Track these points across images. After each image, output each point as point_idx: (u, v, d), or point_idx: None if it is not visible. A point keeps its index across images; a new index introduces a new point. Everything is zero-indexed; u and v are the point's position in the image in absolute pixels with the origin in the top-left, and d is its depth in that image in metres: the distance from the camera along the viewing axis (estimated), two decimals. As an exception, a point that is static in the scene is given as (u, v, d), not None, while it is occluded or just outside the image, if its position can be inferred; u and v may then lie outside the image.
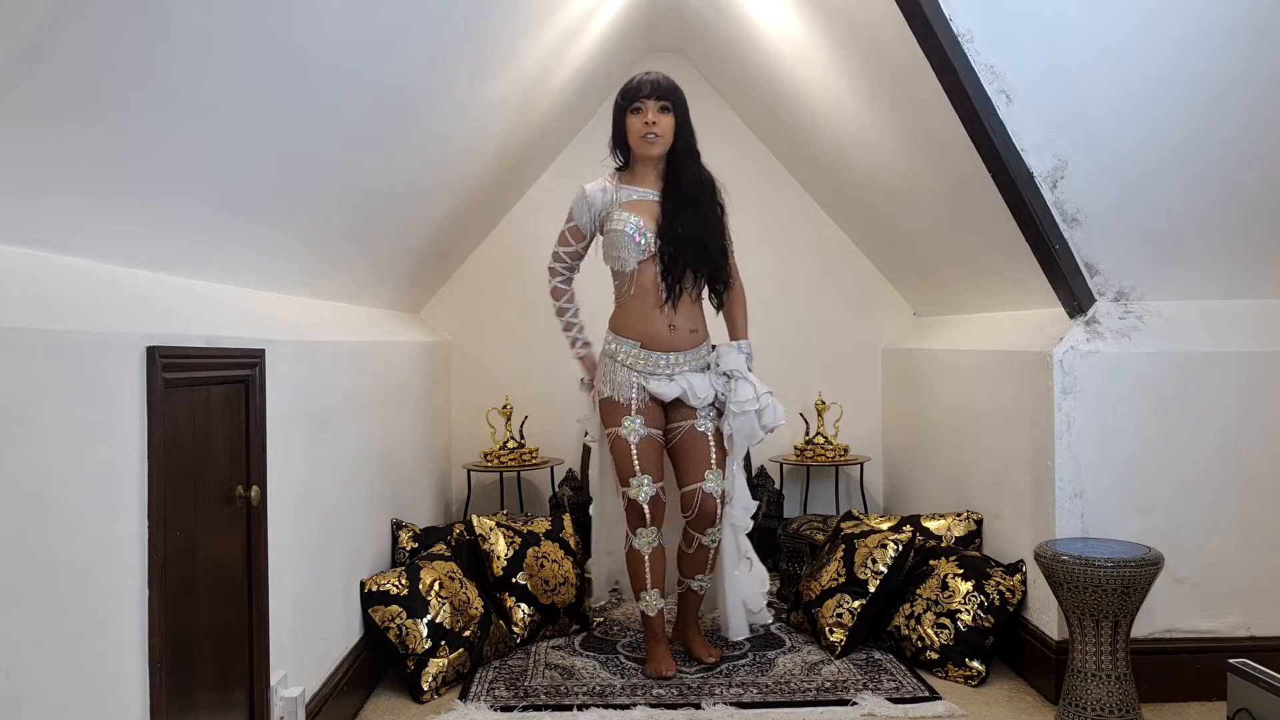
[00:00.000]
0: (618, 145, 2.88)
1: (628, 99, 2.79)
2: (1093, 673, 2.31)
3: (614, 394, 2.83)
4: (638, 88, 2.77)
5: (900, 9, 2.24)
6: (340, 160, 2.14)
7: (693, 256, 2.76)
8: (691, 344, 2.83)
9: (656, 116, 2.76)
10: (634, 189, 2.84)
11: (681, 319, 2.81)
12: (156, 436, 1.42)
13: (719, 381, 2.81)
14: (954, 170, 2.73)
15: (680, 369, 2.81)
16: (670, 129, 2.78)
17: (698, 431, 2.80)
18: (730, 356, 2.82)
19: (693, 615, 2.91)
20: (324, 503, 2.32)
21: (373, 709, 2.59)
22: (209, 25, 1.37)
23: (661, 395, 2.79)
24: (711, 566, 2.86)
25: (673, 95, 2.78)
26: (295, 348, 2.12)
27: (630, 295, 2.84)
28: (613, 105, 2.85)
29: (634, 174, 2.86)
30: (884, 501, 4.26)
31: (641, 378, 2.81)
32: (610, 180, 2.87)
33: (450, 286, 4.24)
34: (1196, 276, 2.61)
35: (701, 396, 2.78)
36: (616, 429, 2.81)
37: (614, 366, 2.85)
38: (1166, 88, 2.25)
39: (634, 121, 2.78)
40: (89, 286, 1.39)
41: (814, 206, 4.28)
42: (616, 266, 2.85)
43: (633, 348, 2.82)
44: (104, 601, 1.33)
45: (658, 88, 2.76)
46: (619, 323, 2.88)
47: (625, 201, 2.82)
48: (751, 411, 2.74)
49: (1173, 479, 2.59)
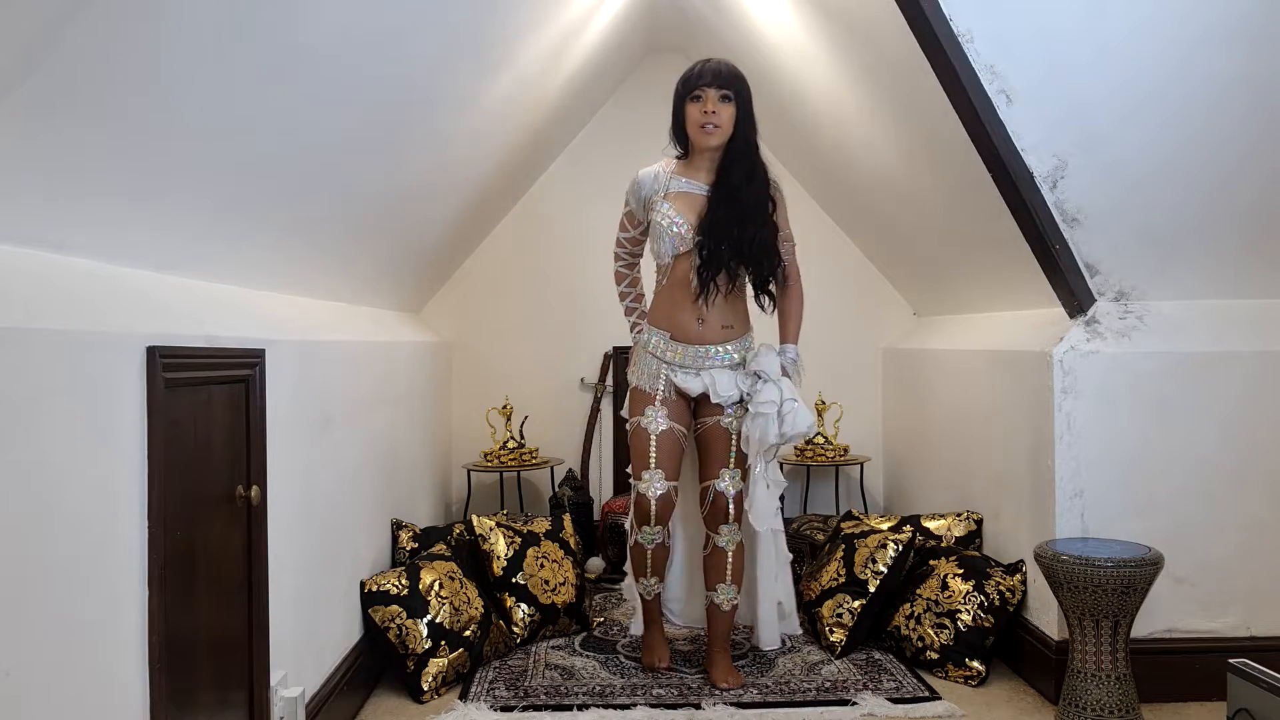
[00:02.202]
0: (676, 134, 2.77)
1: (688, 86, 2.68)
2: (1093, 673, 2.31)
3: (642, 383, 2.79)
4: (699, 75, 2.66)
5: (900, 9, 2.24)
6: (341, 160, 2.14)
7: (730, 253, 2.67)
8: (722, 339, 2.74)
9: (717, 106, 2.64)
10: (686, 180, 2.74)
11: (714, 314, 2.72)
12: (156, 436, 1.42)
13: (746, 381, 2.71)
14: (954, 170, 2.73)
15: (709, 363, 2.73)
16: (730, 119, 2.66)
17: (721, 427, 2.74)
18: (765, 358, 2.72)
19: (718, 635, 2.76)
20: (324, 503, 2.32)
21: (373, 709, 2.59)
22: (209, 25, 1.37)
23: (686, 389, 2.74)
24: (734, 577, 2.75)
25: (735, 84, 2.67)
26: (295, 348, 2.12)
27: (665, 285, 2.79)
28: (674, 92, 2.74)
29: (690, 164, 2.77)
30: (884, 501, 4.26)
31: (670, 369, 2.75)
32: (665, 167, 2.79)
33: (450, 286, 4.25)
34: (1196, 276, 2.61)
35: (723, 393, 2.70)
36: (639, 418, 2.76)
37: (645, 356, 2.80)
38: (1167, 88, 2.25)
39: (693, 110, 2.67)
40: (89, 286, 1.39)
41: (814, 206, 4.28)
42: (656, 259, 2.80)
43: (662, 338, 2.76)
44: (104, 601, 1.33)
45: (719, 76, 2.65)
46: (653, 312, 2.83)
47: (674, 192, 2.74)
48: (770, 415, 2.63)
49: (1173, 479, 2.59)
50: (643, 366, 2.80)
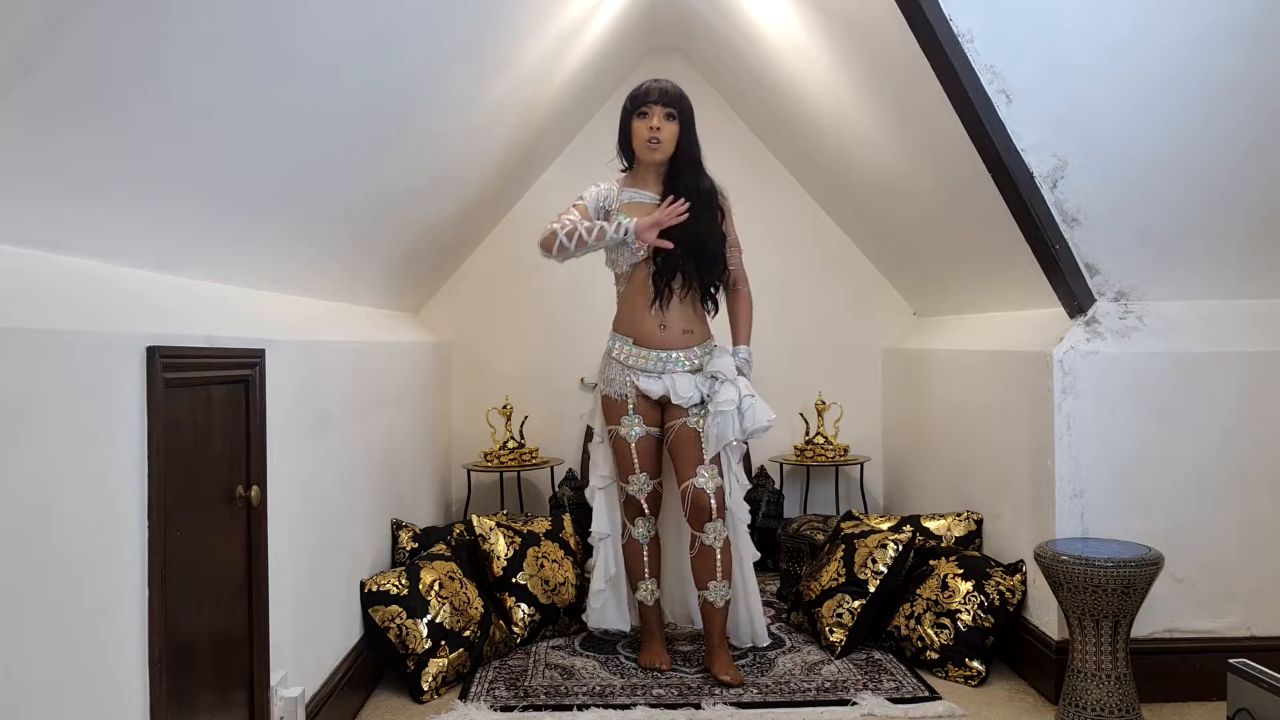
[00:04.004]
0: (623, 148, 2.94)
1: (635, 103, 2.84)
2: (1093, 673, 2.31)
3: (610, 391, 2.90)
4: (645, 93, 2.83)
5: (900, 9, 2.24)
6: (340, 160, 2.14)
7: (682, 260, 2.80)
8: (684, 344, 2.86)
9: (661, 123, 2.81)
10: (635, 191, 2.90)
11: (673, 319, 2.85)
12: (156, 436, 1.42)
13: (705, 384, 2.82)
14: (954, 170, 2.73)
15: (671, 367, 2.84)
16: (673, 136, 2.83)
17: (689, 428, 2.82)
18: (720, 360, 2.84)
19: (714, 631, 2.80)
20: (324, 503, 2.32)
21: (373, 709, 2.59)
22: (209, 26, 1.37)
23: (648, 392, 2.84)
24: (723, 573, 2.79)
25: (679, 104, 2.83)
26: (295, 348, 2.12)
27: (625, 294, 2.92)
28: (621, 108, 2.90)
29: (637, 176, 2.93)
30: (884, 501, 4.26)
31: (634, 374, 2.86)
32: (615, 183, 2.95)
33: (450, 286, 4.25)
34: (1196, 276, 2.61)
35: (684, 395, 2.80)
36: (616, 427, 2.89)
37: (610, 363, 2.92)
38: (1167, 88, 2.26)
39: (639, 126, 2.84)
40: (89, 286, 1.39)
41: (814, 206, 4.29)
42: (613, 268, 2.93)
43: (626, 343, 2.89)
44: (104, 601, 1.33)
45: (665, 95, 2.81)
46: (617, 319, 2.96)
47: (626, 202, 2.89)
48: (729, 412, 2.74)
49: (1173, 479, 2.59)
50: (609, 374, 2.91)
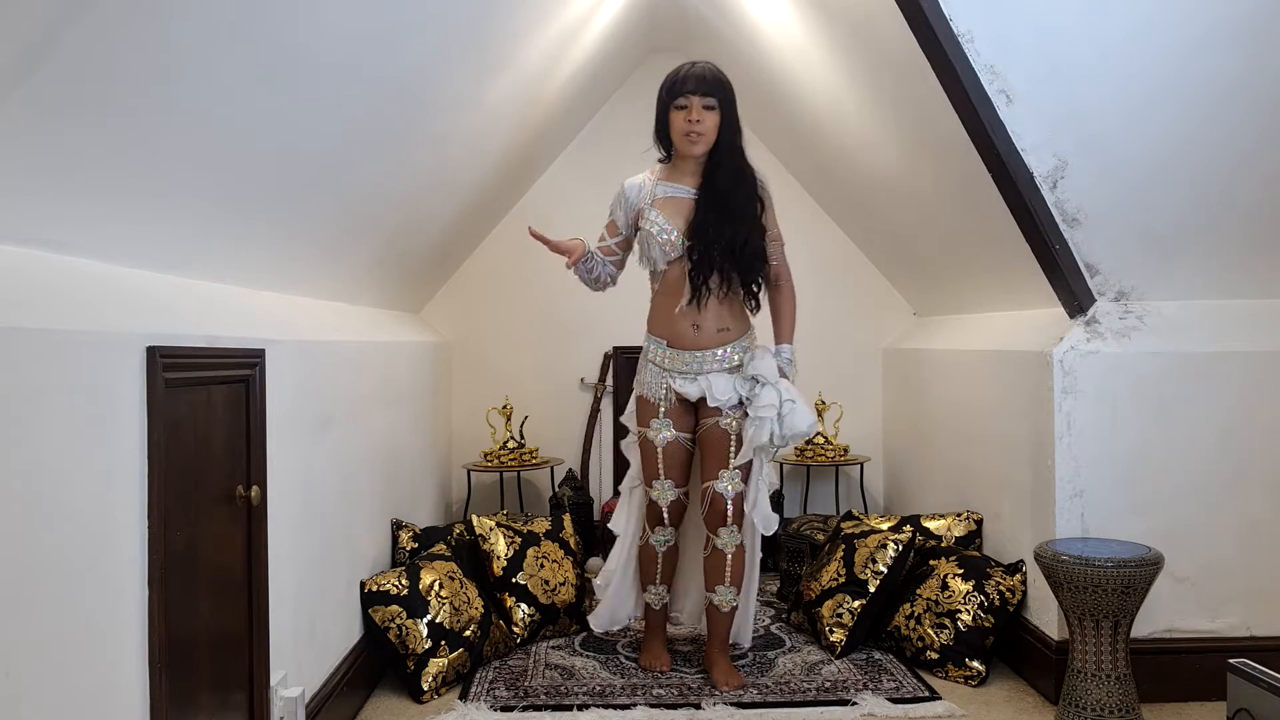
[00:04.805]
0: (660, 139, 2.76)
1: (672, 94, 2.65)
2: (1093, 673, 2.31)
3: (645, 392, 2.82)
4: (682, 82, 2.64)
5: (900, 9, 2.24)
6: (341, 160, 2.14)
7: (720, 257, 2.67)
8: (719, 343, 2.73)
9: (701, 114, 2.62)
10: (671, 185, 2.75)
11: (708, 318, 2.71)
12: (156, 436, 1.42)
13: (744, 385, 2.71)
14: (954, 170, 2.73)
15: (707, 367, 2.73)
16: (715, 126, 2.65)
17: (720, 429, 2.74)
18: (761, 361, 2.73)
19: (717, 636, 2.77)
20: (324, 503, 2.32)
21: (373, 709, 2.59)
22: (210, 26, 1.37)
23: (685, 394, 2.75)
24: (733, 579, 2.75)
25: (719, 91, 2.64)
26: (295, 348, 2.12)
27: (659, 293, 2.80)
28: (657, 96, 2.72)
29: (674, 169, 2.76)
30: (884, 501, 4.26)
31: (669, 376, 2.76)
32: (650, 175, 2.79)
33: (450, 286, 4.25)
34: (1196, 276, 2.61)
35: (721, 397, 2.70)
36: (645, 430, 2.81)
37: (646, 364, 2.83)
38: (1167, 88, 2.25)
39: (677, 118, 2.65)
40: (89, 286, 1.39)
41: (814, 206, 4.28)
42: (648, 267, 2.80)
43: (661, 346, 2.78)
44: (104, 601, 1.32)
45: (703, 83, 2.62)
46: (651, 321, 2.84)
47: (661, 198, 2.74)
48: (769, 418, 2.64)
49: (1173, 479, 2.59)
50: (646, 376, 2.82)
